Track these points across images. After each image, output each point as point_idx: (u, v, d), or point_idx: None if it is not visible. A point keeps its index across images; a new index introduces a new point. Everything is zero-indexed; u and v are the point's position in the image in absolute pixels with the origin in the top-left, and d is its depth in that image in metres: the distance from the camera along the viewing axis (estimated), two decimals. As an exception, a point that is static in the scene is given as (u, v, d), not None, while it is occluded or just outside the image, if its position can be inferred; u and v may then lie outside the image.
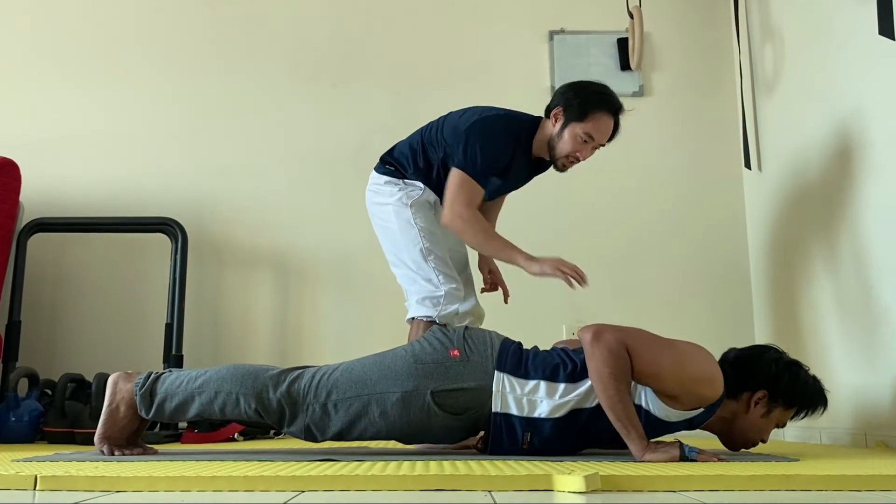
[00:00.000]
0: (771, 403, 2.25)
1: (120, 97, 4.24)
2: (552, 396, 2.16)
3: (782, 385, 2.24)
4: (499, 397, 2.16)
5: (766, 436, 2.31)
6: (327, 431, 2.20)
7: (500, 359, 2.21)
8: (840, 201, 3.10)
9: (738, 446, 2.33)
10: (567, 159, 2.79)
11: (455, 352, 2.21)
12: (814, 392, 2.30)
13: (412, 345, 2.27)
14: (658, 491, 1.51)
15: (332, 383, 2.19)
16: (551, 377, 2.18)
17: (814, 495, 1.47)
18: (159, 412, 2.22)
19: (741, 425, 2.27)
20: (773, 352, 2.32)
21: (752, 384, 2.24)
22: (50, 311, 4.02)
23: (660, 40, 4.32)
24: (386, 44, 4.32)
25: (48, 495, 1.47)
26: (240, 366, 2.26)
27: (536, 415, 2.15)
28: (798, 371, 2.29)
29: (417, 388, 2.16)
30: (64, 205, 4.01)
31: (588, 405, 2.15)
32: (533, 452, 2.19)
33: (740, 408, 2.25)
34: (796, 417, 2.31)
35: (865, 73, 2.92)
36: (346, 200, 4.13)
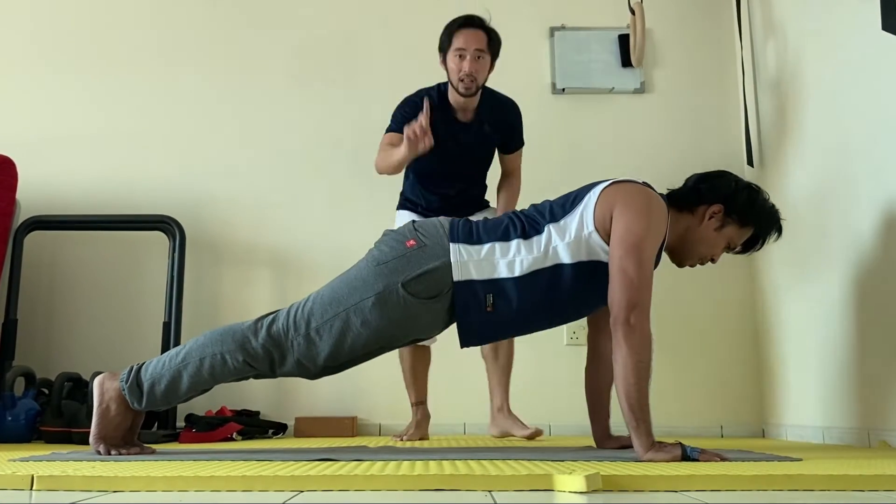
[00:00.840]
0: (725, 218, 2.33)
1: (117, 95, 4.24)
2: (506, 255, 2.21)
3: (739, 201, 2.33)
4: (458, 267, 2.21)
5: (718, 252, 2.38)
6: (318, 359, 2.24)
7: (451, 233, 2.27)
8: (843, 199, 3.09)
9: (686, 261, 2.41)
10: (461, 82, 3.12)
11: (410, 242, 2.26)
12: (769, 214, 2.39)
13: (370, 253, 2.32)
14: (660, 491, 1.51)
15: (308, 312, 2.23)
16: (503, 237, 2.24)
17: (817, 495, 1.46)
18: (151, 399, 2.23)
19: (692, 237, 2.35)
20: (733, 174, 2.42)
21: (709, 198, 2.34)
22: (47, 310, 4.02)
23: (661, 36, 4.32)
24: (385, 41, 4.32)
25: (45, 495, 1.47)
26: (214, 330, 2.29)
27: (497, 276, 2.20)
28: (756, 194, 2.38)
29: (388, 286, 2.20)
30: (61, 202, 4.01)
31: (547, 264, 2.20)
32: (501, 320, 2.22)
33: (694, 221, 2.34)
34: (752, 245, 2.41)
35: (869, 70, 2.91)
36: (344, 199, 4.14)
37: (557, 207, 2.29)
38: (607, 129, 4.22)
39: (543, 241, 2.22)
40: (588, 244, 2.20)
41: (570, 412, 3.42)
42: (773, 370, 3.80)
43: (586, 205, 2.24)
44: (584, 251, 2.20)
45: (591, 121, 4.23)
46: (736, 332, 4.00)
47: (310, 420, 3.80)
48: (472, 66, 3.10)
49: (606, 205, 2.21)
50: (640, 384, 2.05)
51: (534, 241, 2.23)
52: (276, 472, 1.59)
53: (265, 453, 2.25)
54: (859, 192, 2.97)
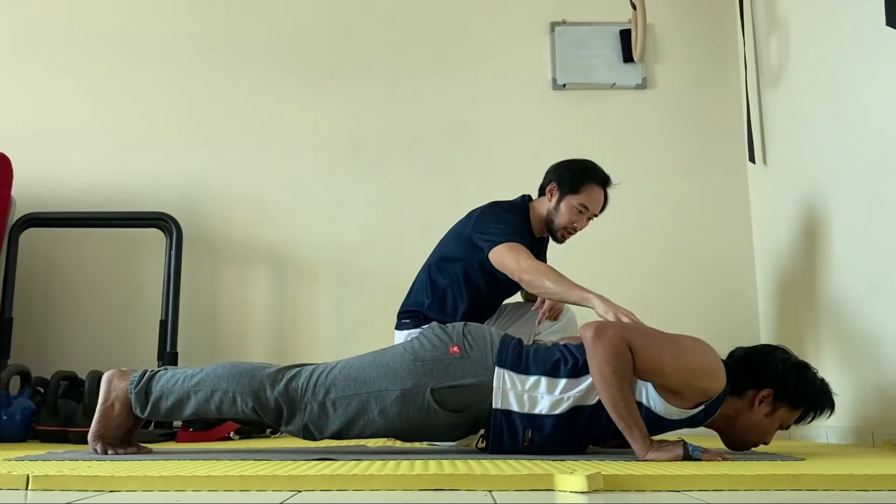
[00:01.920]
0: (776, 403, 2.23)
1: (113, 90, 4.24)
2: (553, 392, 2.15)
3: (789, 384, 2.23)
4: (499, 393, 2.16)
5: (770, 437, 2.30)
6: (326, 430, 2.20)
7: (500, 354, 2.20)
8: (847, 196, 3.09)
9: (740, 446, 2.32)
10: (566, 231, 3.01)
11: (455, 348, 2.20)
12: (820, 394, 2.28)
13: (411, 342, 2.27)
14: (661, 491, 1.51)
15: (330, 381, 2.19)
16: (552, 372, 2.18)
17: (820, 495, 1.46)
18: (155, 410, 2.22)
19: (744, 423, 2.26)
20: (780, 351, 2.31)
21: (758, 382, 2.23)
22: (42, 308, 4.02)
23: (663, 32, 4.32)
24: (385, 34, 4.31)
25: (40, 495, 1.46)
26: (236, 363, 2.25)
27: (537, 411, 2.15)
28: (806, 372, 2.28)
29: (417, 386, 2.15)
30: (56, 200, 4.01)
31: (590, 402, 2.15)
32: (534, 451, 2.18)
33: (744, 406, 2.24)
34: (802, 420, 2.30)
35: (873, 65, 2.91)
36: (344, 194, 4.13)
37: None
38: (608, 125, 4.22)
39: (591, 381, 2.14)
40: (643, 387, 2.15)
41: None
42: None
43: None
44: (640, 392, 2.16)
45: (592, 117, 4.22)
46: (739, 329, 3.99)
47: (308, 419, 3.79)
48: (584, 226, 3.02)
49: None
50: (623, 392, 2.04)
51: (582, 380, 2.16)
52: (273, 472, 1.59)
53: (263, 453, 2.25)
54: (863, 189, 2.97)
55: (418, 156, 4.17)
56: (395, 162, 4.18)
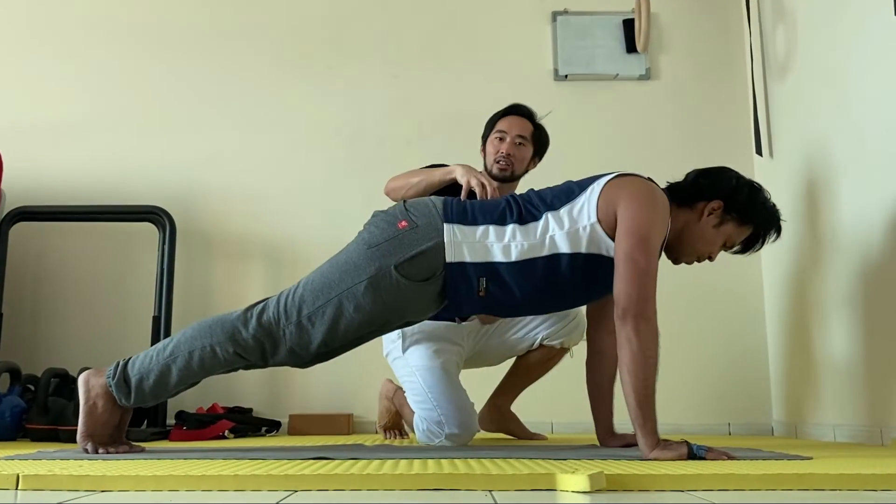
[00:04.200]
0: (725, 216, 2.34)
1: (105, 81, 4.23)
2: (502, 239, 2.22)
3: (739, 198, 2.34)
4: (451, 247, 2.21)
5: (715, 250, 2.39)
6: (311, 346, 2.24)
7: (444, 212, 2.27)
8: (855, 189, 3.09)
9: (683, 257, 2.41)
10: (496, 164, 3.00)
11: (402, 223, 2.26)
12: (769, 213, 2.40)
13: (360, 235, 2.32)
14: (665, 490, 1.51)
15: (298, 300, 2.24)
16: (499, 221, 2.24)
17: (827, 495, 1.46)
18: (140, 395, 2.23)
19: (691, 234, 2.35)
20: (735, 171, 2.42)
21: (709, 194, 2.34)
22: (32, 304, 4.02)
23: (667, 21, 4.31)
24: (382, 24, 4.31)
25: (31, 495, 1.46)
26: (202, 321, 2.29)
27: (490, 259, 2.21)
28: (758, 192, 2.39)
29: (380, 269, 2.20)
30: (47, 193, 4.00)
31: (542, 253, 2.20)
32: (493, 305, 2.25)
33: (692, 217, 2.35)
34: (751, 245, 2.41)
35: (881, 56, 2.91)
36: (341, 188, 4.13)
37: (557, 196, 2.29)
38: (611, 117, 4.21)
39: (540, 229, 2.22)
40: (589, 236, 2.21)
41: (572, 410, 3.42)
42: (782, 366, 3.80)
43: (589, 196, 2.24)
44: (584, 243, 2.21)
45: (594, 108, 4.22)
46: (744, 327, 3.99)
47: (304, 417, 3.81)
48: (511, 148, 2.99)
49: (611, 197, 2.22)
50: (649, 381, 2.06)
51: (530, 227, 2.23)
52: (269, 472, 1.59)
53: (258, 452, 2.25)
54: (871, 183, 2.97)
55: (417, 148, 4.16)
56: (394, 154, 4.17)
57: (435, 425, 2.81)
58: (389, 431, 3.32)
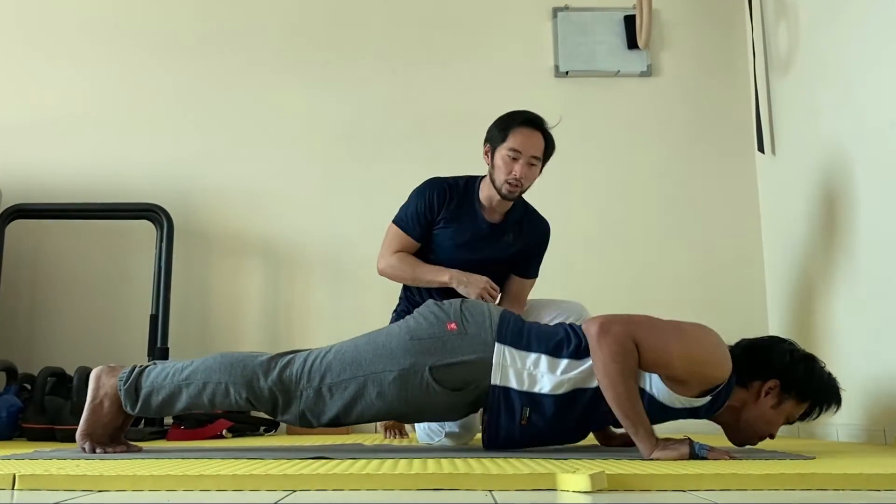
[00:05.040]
0: (782, 394, 2.24)
1: (103, 78, 4.23)
2: (554, 372, 2.15)
3: (796, 376, 2.23)
4: (499, 370, 2.16)
5: (775, 430, 2.30)
6: (323, 416, 2.20)
7: (499, 330, 2.20)
8: (858, 186, 3.09)
9: (745, 440, 2.32)
10: (506, 184, 2.88)
11: (452, 325, 2.20)
12: (828, 387, 2.29)
13: (406, 321, 2.26)
14: (667, 490, 1.51)
15: (325, 366, 2.19)
16: (554, 352, 2.18)
17: (831, 495, 1.46)
18: (145, 407, 2.22)
19: (749, 416, 2.26)
20: (787, 343, 2.32)
21: (764, 373, 2.23)
22: (29, 302, 4.02)
23: (669, 17, 4.31)
24: (381, 20, 4.30)
25: (27, 495, 1.46)
26: (227, 354, 2.25)
27: (537, 390, 2.15)
28: (813, 364, 2.28)
29: (415, 365, 2.15)
30: (44, 190, 4.00)
31: (591, 385, 2.15)
32: (531, 432, 2.18)
33: (750, 397, 2.24)
34: (808, 416, 2.30)
35: (884, 52, 2.90)
36: (339, 185, 4.13)
37: None
38: (612, 114, 4.21)
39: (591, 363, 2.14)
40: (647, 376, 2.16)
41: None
42: (784, 365, 3.80)
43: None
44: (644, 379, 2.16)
45: (595, 105, 4.21)
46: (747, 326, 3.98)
47: (303, 416, 3.80)
48: (524, 171, 2.85)
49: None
50: (629, 390, 2.04)
51: (584, 361, 2.16)
52: (267, 471, 1.59)
53: (256, 451, 2.25)
54: (875, 181, 2.97)
55: (416, 145, 4.17)
56: (392, 151, 4.17)
57: (435, 423, 2.81)
58: (390, 430, 3.32)
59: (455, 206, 2.96)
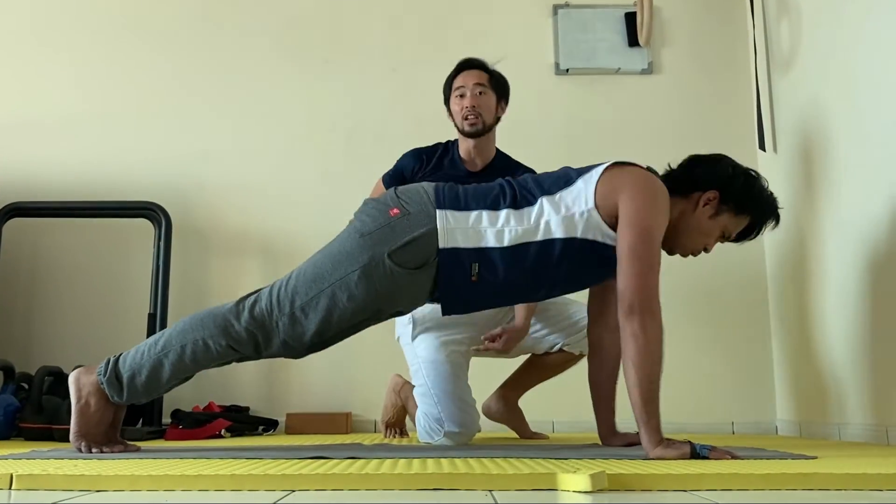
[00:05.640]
0: (721, 206, 2.33)
1: (101, 75, 4.23)
2: (495, 224, 2.21)
3: (735, 187, 2.33)
4: (444, 233, 2.20)
5: (711, 243, 2.38)
6: (305, 337, 2.23)
7: (437, 199, 2.26)
8: (859, 184, 3.09)
9: (678, 249, 2.40)
10: (465, 121, 3.06)
11: (394, 210, 2.25)
12: (767, 202, 2.38)
13: (352, 224, 2.31)
14: (668, 490, 1.51)
15: (291, 291, 2.23)
16: (493, 205, 2.24)
17: (833, 495, 1.46)
18: (132, 391, 2.23)
19: (686, 226, 2.34)
20: (730, 159, 2.40)
21: (704, 184, 2.33)
22: (26, 301, 4.02)
23: (670, 14, 4.30)
24: (380, 17, 4.30)
25: (25, 495, 1.46)
26: (194, 314, 2.29)
27: (483, 245, 2.20)
28: (754, 180, 2.37)
29: (373, 258, 2.19)
30: (41, 189, 4.00)
31: (535, 238, 2.20)
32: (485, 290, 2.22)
33: (688, 207, 2.34)
34: (746, 234, 2.40)
35: (887, 49, 2.90)
36: (339, 183, 4.12)
37: (554, 181, 2.28)
38: (613, 111, 4.21)
39: (535, 214, 2.21)
40: (585, 222, 2.20)
41: (574, 408, 3.42)
42: (786, 365, 3.80)
43: (587, 182, 2.23)
44: (580, 228, 2.20)
45: (595, 103, 4.21)
46: (748, 324, 3.99)
47: (302, 416, 3.80)
48: (474, 100, 3.05)
49: (611, 185, 2.21)
50: (654, 377, 2.06)
51: (524, 212, 2.22)
52: (266, 471, 1.59)
53: (255, 451, 2.25)
54: (877, 179, 2.96)
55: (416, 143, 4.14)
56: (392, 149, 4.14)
57: (435, 422, 2.82)
58: (390, 429, 3.32)
59: (434, 166, 3.11)
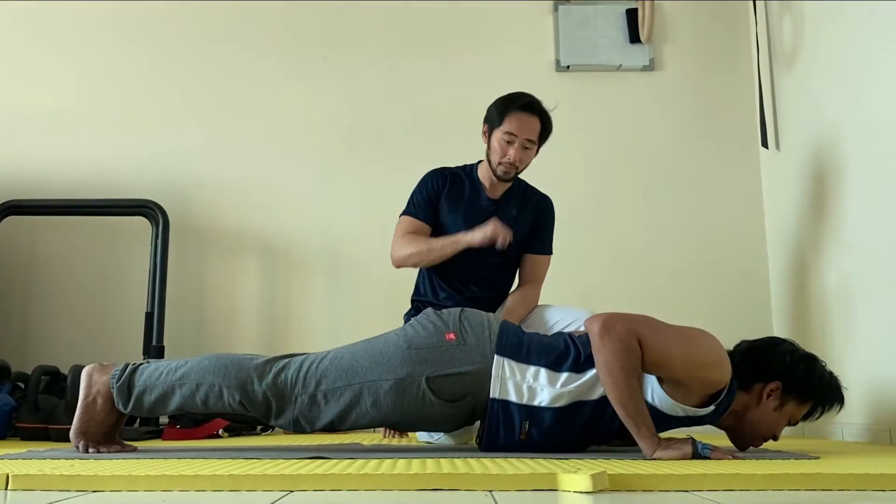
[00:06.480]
0: (784, 396, 2.23)
1: (98, 72, 4.22)
2: (554, 385, 2.14)
3: (797, 377, 2.23)
4: (498, 382, 2.15)
5: (779, 432, 2.30)
6: (317, 423, 2.20)
7: (499, 342, 2.19)
8: (862, 182, 3.09)
9: (748, 443, 2.32)
10: (500, 166, 2.98)
11: (451, 335, 2.19)
12: (830, 387, 2.28)
13: (405, 329, 2.26)
14: (670, 491, 1.51)
15: (321, 373, 2.18)
16: (554, 365, 2.17)
17: (835, 495, 1.46)
18: (138, 406, 2.22)
19: (752, 419, 2.25)
20: (788, 344, 2.31)
21: (765, 375, 2.23)
22: (23, 300, 4.02)
23: (672, 11, 4.30)
24: (379, 14, 4.30)
25: (21, 495, 1.46)
26: (222, 355, 2.25)
27: (537, 403, 2.14)
28: (814, 364, 2.28)
29: (411, 375, 2.14)
30: (38, 187, 4.00)
31: (592, 397, 2.14)
32: (531, 446, 2.18)
33: (752, 400, 2.24)
34: (811, 416, 2.30)
35: (889, 46, 2.90)
36: (338, 182, 4.13)
37: None
38: (614, 108, 4.21)
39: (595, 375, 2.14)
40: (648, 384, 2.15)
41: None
42: (788, 363, 3.80)
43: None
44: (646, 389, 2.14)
45: (597, 100, 4.21)
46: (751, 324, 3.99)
47: (300, 416, 3.79)
48: (518, 154, 2.95)
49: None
50: (631, 388, 2.04)
51: (586, 374, 2.15)
52: (264, 471, 1.59)
53: (253, 451, 2.25)
54: (881, 176, 2.96)
55: (415, 141, 4.16)
56: (391, 147, 4.17)
57: None
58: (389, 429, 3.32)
59: (457, 188, 3.05)
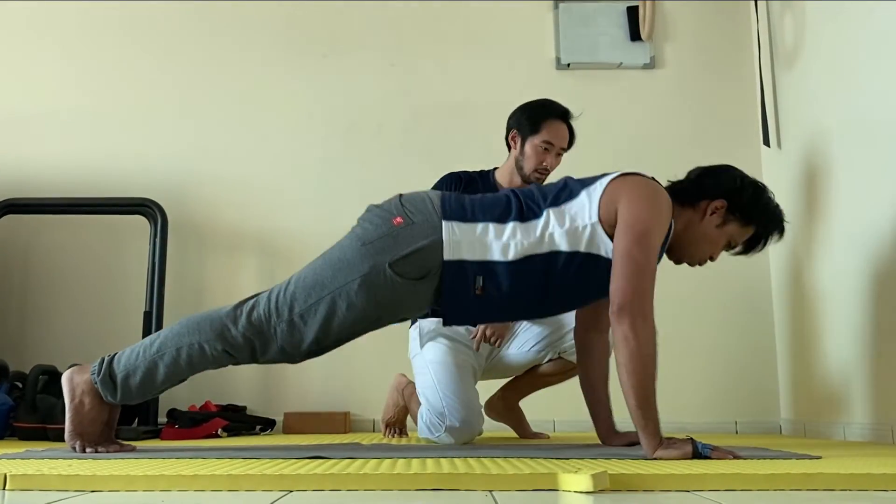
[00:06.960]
0: (728, 215, 2.35)
1: (96, 70, 4.22)
2: (501, 237, 2.20)
3: (744, 198, 2.35)
4: (450, 245, 2.20)
5: (717, 251, 2.41)
6: (302, 345, 2.23)
7: (443, 208, 2.25)
8: (864, 181, 3.09)
9: (685, 258, 2.42)
10: (536, 172, 3.08)
11: (398, 219, 2.24)
12: (773, 215, 2.40)
13: (353, 231, 2.30)
14: (671, 491, 1.51)
15: (290, 297, 2.22)
16: (500, 218, 2.23)
17: (837, 495, 1.46)
18: (126, 391, 2.22)
19: (693, 235, 2.36)
20: (738, 170, 2.44)
21: (712, 193, 2.35)
22: (20, 299, 4.02)
23: (672, 9, 4.30)
24: (379, 11, 4.30)
25: (19, 495, 1.46)
26: (191, 317, 2.28)
27: (488, 257, 2.19)
28: (762, 192, 2.40)
29: (374, 267, 2.18)
30: (36, 185, 4.00)
31: (541, 250, 2.19)
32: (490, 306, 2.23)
33: (695, 216, 2.36)
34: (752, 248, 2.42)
35: (890, 44, 2.90)
36: (337, 179, 4.12)
37: (560, 192, 2.27)
38: (615, 107, 4.21)
39: (540, 226, 2.21)
40: (589, 235, 2.19)
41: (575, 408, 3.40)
42: (790, 364, 3.80)
43: (591, 194, 2.23)
44: (584, 242, 2.20)
45: (597, 98, 4.20)
46: (752, 324, 3.99)
47: (300, 415, 3.80)
48: (554, 162, 3.10)
49: (613, 196, 2.21)
50: (648, 380, 2.05)
51: (531, 224, 2.22)
52: (263, 471, 1.59)
53: (252, 451, 2.25)
54: (883, 174, 2.96)
55: (415, 139, 4.16)
56: (391, 145, 4.17)
57: (436, 416, 2.82)
58: (390, 428, 3.32)
59: (471, 191, 3.05)
